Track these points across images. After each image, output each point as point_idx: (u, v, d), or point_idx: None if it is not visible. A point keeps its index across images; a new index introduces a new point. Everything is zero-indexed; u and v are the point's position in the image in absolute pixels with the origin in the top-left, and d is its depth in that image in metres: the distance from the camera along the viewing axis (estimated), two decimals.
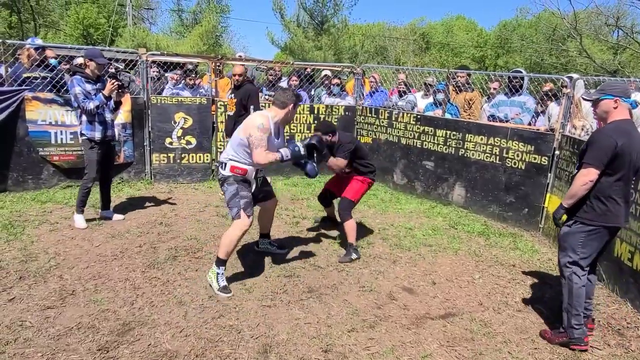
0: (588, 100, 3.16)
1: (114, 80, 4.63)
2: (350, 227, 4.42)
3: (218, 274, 3.63)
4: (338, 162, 4.42)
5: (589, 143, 2.99)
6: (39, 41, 6.26)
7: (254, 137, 3.50)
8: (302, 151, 3.68)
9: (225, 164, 3.67)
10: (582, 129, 4.89)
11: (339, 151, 4.41)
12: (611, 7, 22.88)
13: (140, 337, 2.98)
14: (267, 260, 4.27)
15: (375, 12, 76.21)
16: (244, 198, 3.62)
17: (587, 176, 2.94)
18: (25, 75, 5.67)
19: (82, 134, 4.71)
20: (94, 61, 4.63)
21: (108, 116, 4.78)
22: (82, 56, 6.67)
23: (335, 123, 7.48)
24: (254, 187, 3.82)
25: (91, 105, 4.55)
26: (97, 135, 4.70)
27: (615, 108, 2.94)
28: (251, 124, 3.55)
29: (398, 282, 3.99)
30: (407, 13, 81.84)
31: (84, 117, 4.66)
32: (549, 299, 3.81)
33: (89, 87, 4.61)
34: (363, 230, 5.19)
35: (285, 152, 3.62)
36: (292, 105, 3.71)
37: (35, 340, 2.86)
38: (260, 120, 3.55)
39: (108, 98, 4.65)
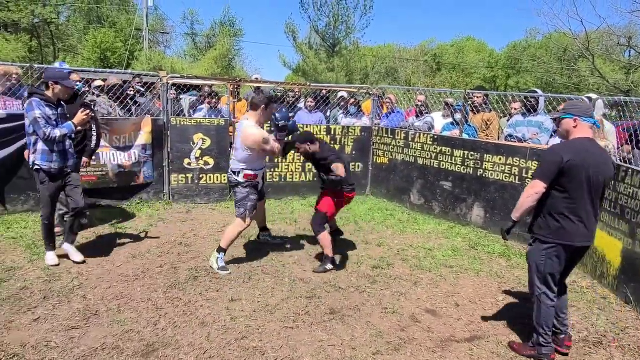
0: (552, 119, 3.38)
1: (87, 111, 4.21)
2: (323, 239, 4.52)
3: (218, 257, 4.37)
4: (338, 168, 4.45)
5: (540, 159, 3.15)
6: (66, 66, 6.41)
7: (262, 147, 4.23)
8: (291, 121, 4.42)
9: (239, 172, 4.32)
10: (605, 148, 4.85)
11: (329, 155, 4.60)
12: (623, 27, 22.88)
13: (164, 358, 2.98)
14: (288, 281, 4.25)
15: (385, 34, 77.32)
16: (251, 201, 4.35)
17: (533, 188, 3.03)
18: None
19: (34, 165, 4.10)
20: (60, 84, 4.07)
21: (68, 145, 4.26)
22: (100, 79, 6.86)
23: (351, 144, 7.55)
24: (261, 183, 4.55)
25: (57, 133, 4.02)
26: (54, 166, 4.13)
27: (575, 127, 3.04)
28: (250, 140, 4.17)
29: (420, 303, 3.94)
30: (417, 35, 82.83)
31: (40, 146, 4.05)
32: (575, 323, 3.72)
33: (49, 111, 4.05)
34: (382, 251, 5.16)
35: (281, 122, 4.29)
36: (263, 106, 4.25)
37: None
38: (252, 131, 4.17)
39: (76, 127, 4.19)
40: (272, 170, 7.14)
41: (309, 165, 7.33)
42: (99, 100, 6.15)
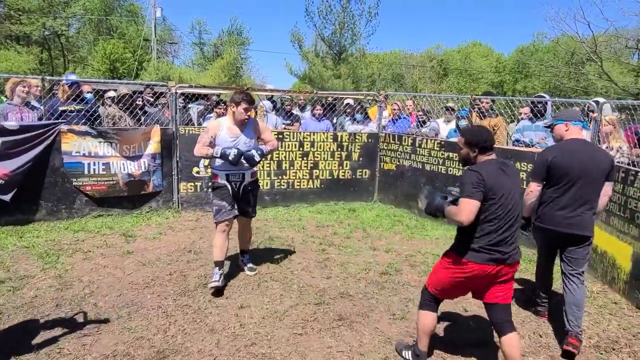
0: (545, 126, 3.94)
1: None
2: (417, 317, 3.15)
3: (214, 272, 4.18)
4: (459, 208, 2.81)
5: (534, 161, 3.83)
6: (73, 77, 6.53)
7: (200, 136, 4.16)
8: (232, 156, 4.02)
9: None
10: (618, 151, 4.85)
11: (463, 183, 2.83)
12: (631, 30, 22.76)
13: None
14: (296, 287, 4.27)
15: (391, 41, 77.53)
16: (215, 206, 4.22)
17: (529, 188, 3.58)
18: (61, 108, 5.91)
19: None
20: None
21: None
22: (112, 89, 6.98)
23: (358, 150, 7.57)
24: (230, 190, 4.24)
25: None
26: None
27: (566, 130, 3.53)
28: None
29: None
30: (423, 41, 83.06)
31: None
32: (586, 328, 3.70)
33: None
34: (390, 257, 5.17)
35: (217, 150, 4.08)
36: (233, 104, 4.08)
37: None
38: (206, 124, 4.19)
39: None
40: (280, 177, 7.18)
41: (316, 172, 7.37)
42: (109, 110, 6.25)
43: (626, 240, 4.25)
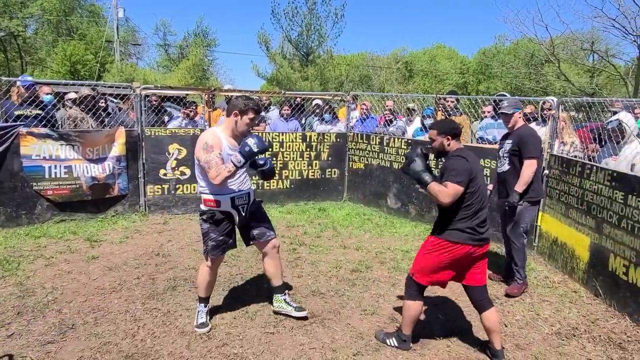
0: (508, 114, 4.26)
1: None
2: (404, 307, 3.27)
3: (198, 311, 3.51)
4: (445, 190, 2.97)
5: (527, 142, 4.09)
6: (29, 78, 6.32)
7: (202, 162, 3.17)
8: (255, 148, 3.11)
9: (200, 197, 3.37)
10: (571, 145, 5.06)
11: (448, 169, 3.05)
12: (586, 33, 23.78)
13: None
14: (267, 287, 4.24)
15: (358, 42, 78.10)
16: (211, 240, 3.35)
17: (533, 166, 4.08)
18: (17, 112, 5.70)
19: None
20: None
21: None
22: (74, 92, 6.77)
23: (327, 150, 7.61)
24: (237, 218, 3.43)
25: None
26: None
27: (520, 118, 4.28)
28: (197, 147, 3.20)
29: (399, 304, 3.99)
30: (389, 43, 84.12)
31: None
32: (548, 316, 3.85)
33: None
34: (361, 255, 5.22)
35: (237, 157, 3.14)
36: (234, 112, 3.25)
37: None
38: (205, 139, 3.20)
39: None
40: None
41: (286, 172, 7.37)
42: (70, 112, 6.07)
43: (584, 232, 4.44)
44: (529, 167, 4.08)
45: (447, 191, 2.93)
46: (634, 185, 3.78)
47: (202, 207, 3.38)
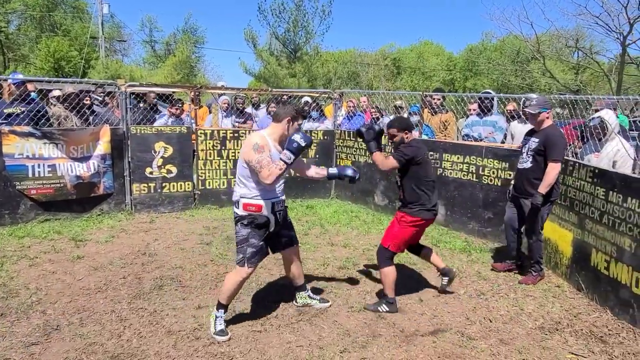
0: (533, 113, 4.25)
1: None
2: (383, 274, 3.83)
3: (217, 317, 3.37)
4: (385, 160, 3.79)
5: (555, 143, 4.11)
6: (19, 76, 6.20)
7: (253, 162, 3.16)
8: (303, 142, 3.14)
9: (238, 202, 3.31)
10: None
11: (397, 150, 3.77)
12: (570, 30, 24.10)
13: None
14: (254, 285, 4.26)
15: (345, 39, 78.17)
16: (252, 247, 3.30)
17: (557, 168, 4.13)
18: (7, 111, 5.61)
19: None
20: None
21: None
22: (58, 89, 6.69)
23: (314, 147, 7.61)
24: (273, 224, 3.40)
25: None
26: None
27: (547, 117, 4.27)
28: (246, 149, 3.22)
29: None
30: (376, 40, 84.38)
31: None
32: (532, 311, 3.90)
33: None
34: (348, 252, 5.25)
35: (286, 154, 3.16)
36: (287, 118, 3.32)
37: None
38: (255, 140, 3.23)
39: None
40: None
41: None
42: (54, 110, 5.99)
43: (567, 227, 4.51)
44: (553, 170, 4.10)
45: (387, 162, 3.74)
46: (615, 181, 3.85)
47: (240, 212, 3.31)
